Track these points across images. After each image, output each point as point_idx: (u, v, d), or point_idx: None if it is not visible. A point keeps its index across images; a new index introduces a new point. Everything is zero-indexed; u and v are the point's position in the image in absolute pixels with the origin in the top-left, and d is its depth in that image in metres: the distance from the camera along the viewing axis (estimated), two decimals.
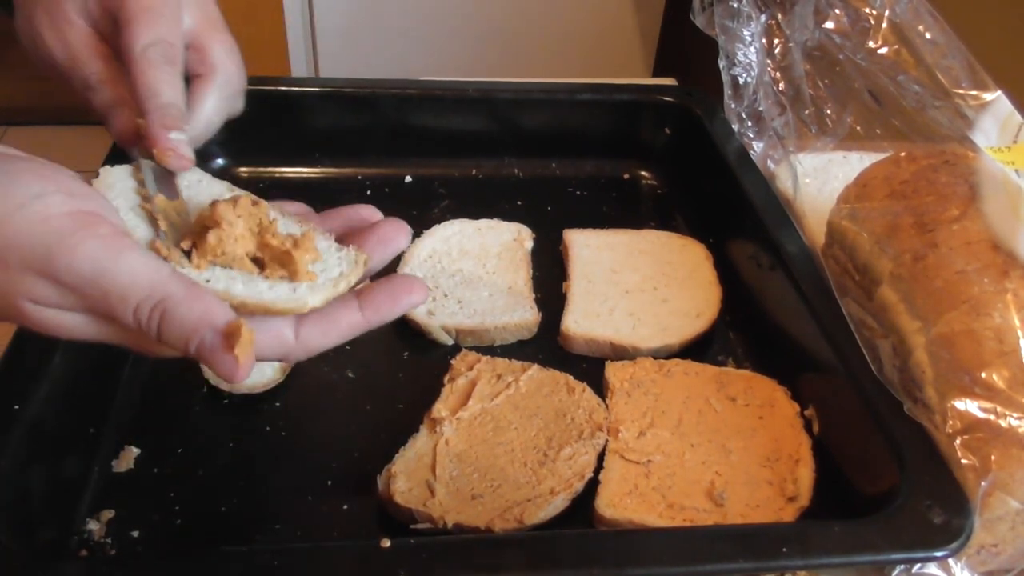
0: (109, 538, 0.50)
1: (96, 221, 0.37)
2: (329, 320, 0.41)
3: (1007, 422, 0.46)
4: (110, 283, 0.36)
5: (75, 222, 0.36)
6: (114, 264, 0.36)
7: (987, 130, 0.61)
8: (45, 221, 0.35)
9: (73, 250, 0.35)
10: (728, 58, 0.75)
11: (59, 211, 0.36)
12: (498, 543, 0.47)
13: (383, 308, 0.42)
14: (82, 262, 0.35)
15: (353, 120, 0.82)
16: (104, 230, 0.37)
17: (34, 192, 0.36)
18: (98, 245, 0.36)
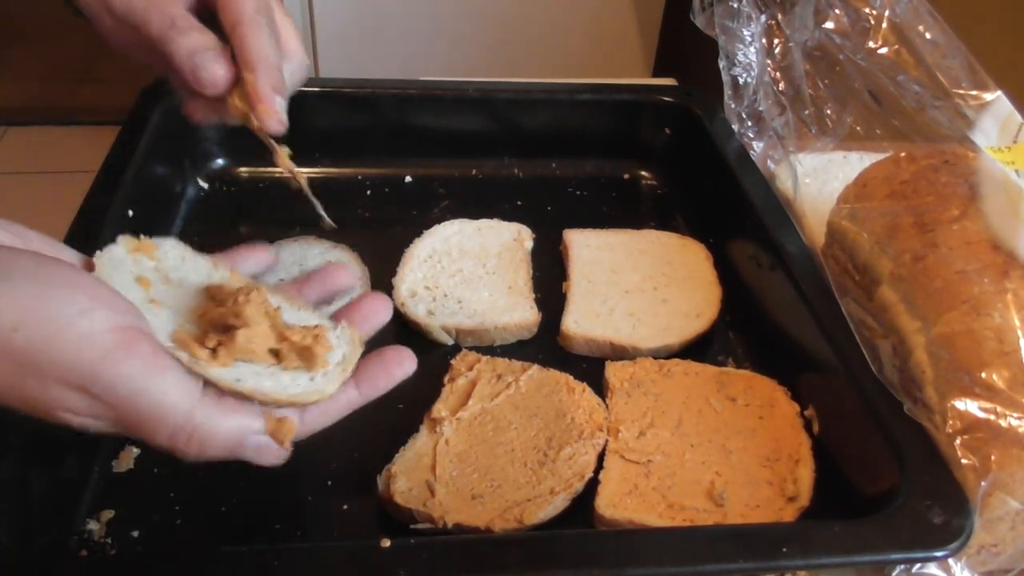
0: (109, 538, 0.50)
1: (136, 338, 0.37)
2: (329, 400, 0.43)
3: (1007, 422, 0.46)
4: (146, 406, 0.37)
5: (117, 340, 0.36)
6: (151, 386, 0.36)
7: (987, 130, 0.61)
8: (89, 339, 0.36)
9: (114, 369, 0.36)
10: (728, 58, 0.75)
11: (102, 328, 0.36)
12: (498, 543, 0.47)
13: (378, 383, 0.45)
14: (121, 382, 0.36)
15: (353, 120, 0.82)
16: (144, 348, 0.37)
17: (79, 308, 0.36)
18: (138, 365, 0.36)
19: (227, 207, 0.78)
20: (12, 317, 0.35)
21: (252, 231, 0.76)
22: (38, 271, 0.37)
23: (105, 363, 0.36)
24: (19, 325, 0.35)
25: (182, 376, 0.38)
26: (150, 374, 0.37)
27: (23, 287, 0.36)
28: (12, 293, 0.35)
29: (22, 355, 0.35)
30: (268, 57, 0.48)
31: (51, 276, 0.37)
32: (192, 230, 0.75)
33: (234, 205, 0.79)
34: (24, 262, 0.37)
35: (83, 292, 0.37)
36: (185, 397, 0.37)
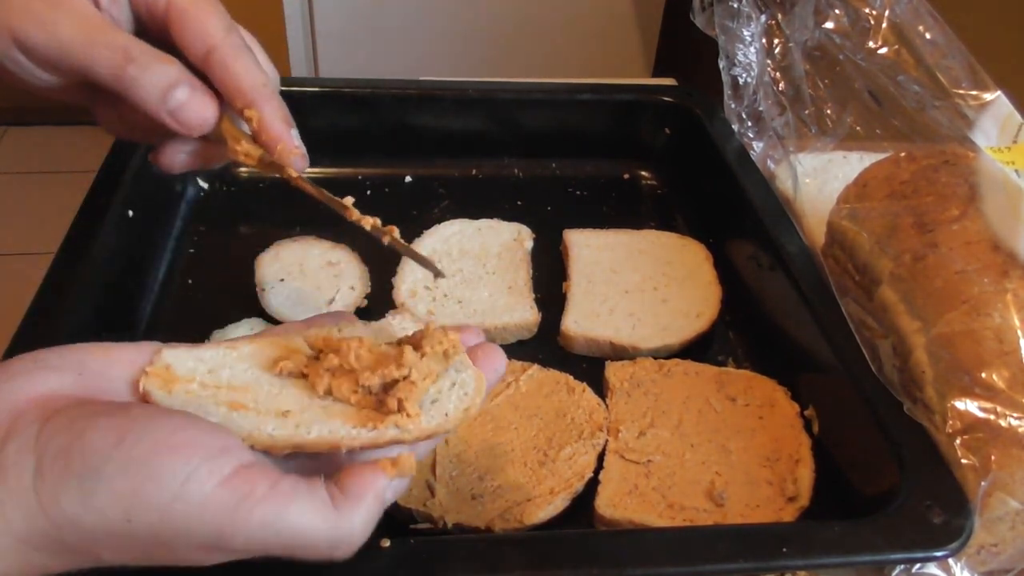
0: None
1: (249, 482, 0.34)
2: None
3: (1007, 422, 0.46)
4: (290, 542, 0.35)
5: (233, 494, 0.34)
6: (287, 522, 0.34)
7: (987, 130, 0.61)
8: (206, 502, 0.33)
9: (246, 525, 0.33)
10: (728, 58, 0.75)
11: (214, 483, 0.33)
12: (498, 543, 0.47)
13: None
14: (258, 536, 0.34)
15: (353, 120, 0.82)
16: (261, 490, 0.34)
17: (181, 475, 0.33)
18: (265, 510, 0.34)
19: (227, 207, 0.78)
20: (120, 509, 0.33)
21: (252, 231, 0.76)
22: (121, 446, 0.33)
23: (233, 522, 0.33)
24: (130, 515, 0.33)
25: (309, 493, 0.35)
26: (280, 511, 0.34)
27: (116, 478, 0.33)
28: (107, 490, 0.33)
29: (146, 537, 0.33)
30: (264, 85, 0.41)
31: (139, 447, 0.33)
32: (192, 230, 0.75)
33: (234, 205, 0.79)
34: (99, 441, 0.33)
35: (177, 452, 0.34)
36: (322, 517, 0.35)
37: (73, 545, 0.33)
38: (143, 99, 0.40)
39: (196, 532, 0.33)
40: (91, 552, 0.34)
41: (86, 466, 0.33)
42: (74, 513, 0.32)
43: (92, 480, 0.33)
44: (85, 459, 0.33)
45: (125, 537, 0.33)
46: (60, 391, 0.36)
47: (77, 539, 0.33)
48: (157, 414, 0.36)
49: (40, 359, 0.36)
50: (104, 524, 0.33)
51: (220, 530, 0.33)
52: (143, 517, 0.33)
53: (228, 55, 0.41)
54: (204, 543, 0.34)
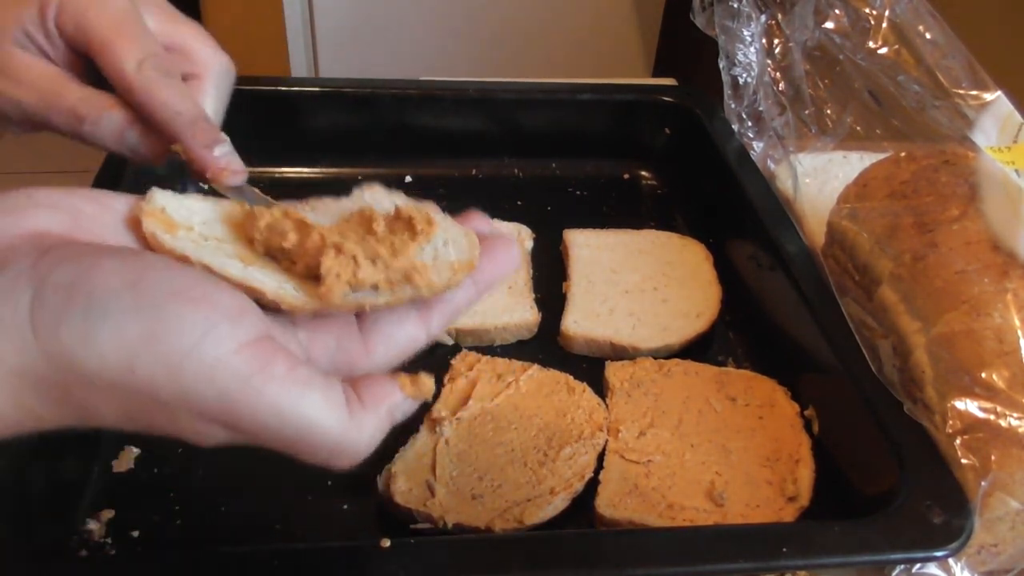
0: (109, 538, 0.50)
1: (270, 355, 0.32)
2: (448, 303, 0.39)
3: (1007, 422, 0.46)
4: (295, 433, 0.32)
5: (250, 362, 0.32)
6: (299, 412, 0.32)
7: (987, 130, 0.61)
8: (218, 365, 0.31)
9: (255, 399, 0.31)
10: (728, 58, 0.75)
11: (230, 348, 0.31)
12: (498, 543, 0.47)
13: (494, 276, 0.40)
14: (264, 412, 0.32)
15: (353, 120, 0.82)
16: (279, 368, 0.32)
17: (200, 329, 0.31)
18: (279, 390, 0.32)
19: None
20: (122, 356, 0.30)
21: None
22: (136, 288, 0.31)
23: (243, 394, 0.31)
24: (134, 363, 0.30)
25: (326, 387, 0.33)
26: (294, 398, 0.32)
27: (128, 318, 0.30)
28: (117, 328, 0.30)
29: (146, 393, 0.31)
30: (180, 113, 0.42)
31: (154, 292, 0.31)
32: None
33: None
34: (111, 279, 0.31)
35: (196, 306, 0.32)
36: (335, 416, 0.33)
37: (66, 389, 0.31)
38: (106, 146, 0.43)
39: (201, 396, 0.31)
40: (85, 402, 0.31)
41: (93, 302, 0.30)
42: (73, 351, 0.30)
43: (99, 317, 0.30)
44: (92, 295, 0.30)
45: (124, 389, 0.31)
46: (55, 231, 0.33)
47: (72, 381, 0.30)
48: (173, 264, 0.34)
49: (33, 196, 0.34)
50: (104, 370, 0.30)
51: (228, 399, 0.31)
52: (148, 368, 0.30)
53: (141, 94, 0.42)
54: (206, 411, 0.31)
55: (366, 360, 0.37)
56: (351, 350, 0.37)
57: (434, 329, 0.39)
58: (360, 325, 0.38)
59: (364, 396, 0.35)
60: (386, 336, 0.38)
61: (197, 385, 0.31)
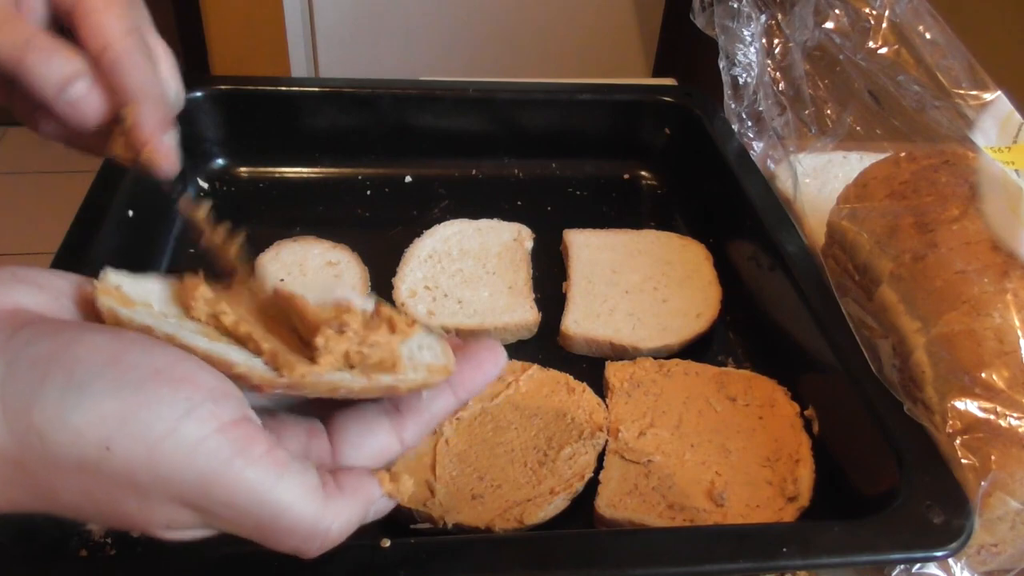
0: (109, 538, 0.50)
1: (250, 437, 0.31)
2: (426, 412, 0.38)
3: (1007, 422, 0.46)
4: (269, 518, 0.31)
5: (229, 445, 0.30)
6: (275, 496, 0.31)
7: (987, 130, 0.61)
8: (199, 447, 0.30)
9: (233, 483, 0.30)
10: (728, 58, 0.75)
11: (210, 431, 0.30)
12: (498, 543, 0.47)
13: (475, 383, 0.39)
14: (241, 495, 0.30)
15: (353, 120, 0.82)
16: (258, 449, 0.31)
17: (181, 409, 0.30)
18: (257, 474, 0.31)
19: (227, 207, 0.78)
20: (100, 434, 0.29)
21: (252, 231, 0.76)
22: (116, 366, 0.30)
23: (221, 478, 0.30)
24: (110, 442, 0.29)
25: (302, 471, 0.32)
26: (271, 481, 0.31)
27: (106, 396, 0.29)
28: (95, 407, 0.29)
29: (120, 476, 0.29)
30: (149, 87, 0.40)
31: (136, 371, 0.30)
32: (192, 230, 0.75)
33: (234, 205, 0.79)
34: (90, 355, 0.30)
35: (178, 385, 0.30)
36: (310, 501, 0.32)
37: (30, 470, 0.29)
38: (41, 87, 0.39)
39: (179, 478, 0.30)
40: (48, 485, 0.30)
41: (71, 379, 0.29)
42: (44, 427, 0.29)
43: (76, 394, 0.29)
44: (71, 371, 0.29)
45: (94, 472, 0.29)
46: (34, 308, 0.32)
47: (37, 462, 0.29)
48: (155, 343, 0.32)
49: (17, 273, 0.33)
50: (76, 449, 0.29)
51: (206, 481, 0.30)
52: (125, 448, 0.29)
53: (120, 53, 0.39)
54: (182, 494, 0.30)
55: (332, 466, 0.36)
56: (318, 458, 0.36)
57: (408, 438, 0.37)
58: (329, 431, 0.37)
59: (342, 483, 0.34)
60: (356, 445, 0.36)
61: (175, 466, 0.29)
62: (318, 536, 0.32)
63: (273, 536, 0.32)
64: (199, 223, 0.43)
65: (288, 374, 0.33)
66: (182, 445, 0.29)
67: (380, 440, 0.37)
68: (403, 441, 0.37)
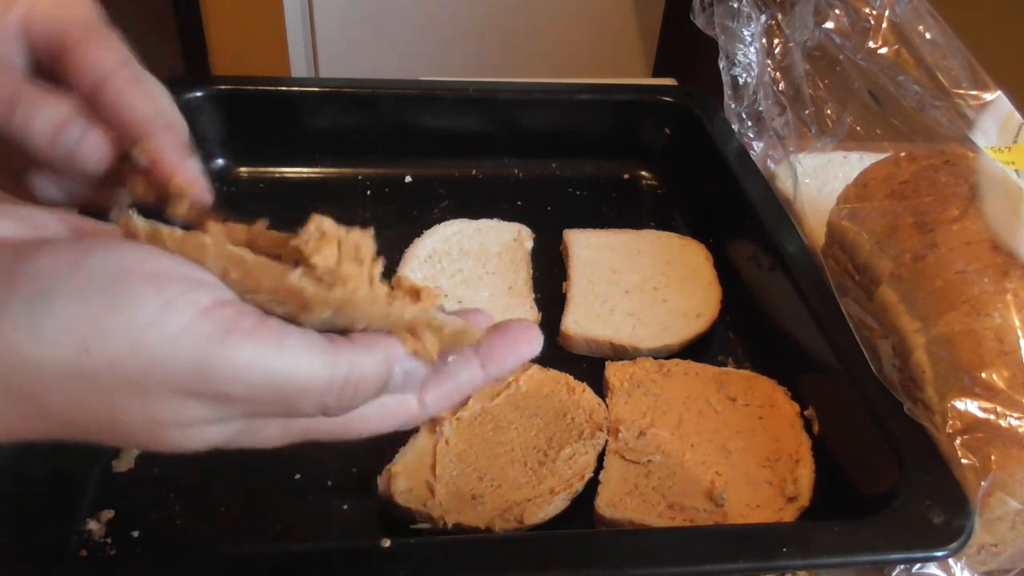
0: (109, 538, 0.50)
1: (233, 315, 0.30)
2: (450, 379, 0.36)
3: (1007, 422, 0.46)
4: (286, 381, 0.30)
5: (216, 324, 0.29)
6: (281, 360, 0.30)
7: (987, 130, 0.61)
8: (184, 334, 0.29)
9: (233, 359, 0.29)
10: (728, 58, 0.75)
11: (192, 316, 0.29)
12: (498, 543, 0.47)
13: (505, 361, 0.37)
14: (247, 369, 0.29)
15: (353, 120, 0.82)
16: (248, 323, 0.30)
17: (156, 302, 0.29)
18: (255, 345, 0.30)
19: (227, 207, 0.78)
20: (77, 337, 0.28)
21: None
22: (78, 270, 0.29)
23: (219, 355, 0.29)
24: (89, 344, 0.28)
25: (303, 334, 0.31)
26: (271, 348, 0.30)
27: (74, 300, 0.28)
28: (61, 312, 0.28)
29: (108, 377, 0.28)
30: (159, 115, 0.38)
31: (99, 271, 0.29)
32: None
33: (234, 205, 0.79)
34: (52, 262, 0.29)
35: (148, 280, 0.29)
36: (318, 357, 0.31)
37: (17, 388, 0.28)
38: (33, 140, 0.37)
39: (173, 365, 0.28)
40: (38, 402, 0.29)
41: (34, 288, 0.28)
42: (19, 343, 0.27)
43: (42, 303, 0.28)
44: (33, 281, 0.28)
45: (82, 378, 0.28)
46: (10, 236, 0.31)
47: (22, 380, 0.28)
48: (123, 244, 0.31)
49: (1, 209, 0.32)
50: (57, 357, 0.28)
51: (203, 363, 0.29)
52: (106, 346, 0.28)
53: (120, 85, 0.38)
54: (182, 382, 0.29)
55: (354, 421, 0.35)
56: None
57: (430, 402, 0.36)
58: None
59: (354, 338, 0.32)
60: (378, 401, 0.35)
61: (166, 353, 0.28)
62: (335, 387, 0.31)
63: (291, 402, 0.31)
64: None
65: (342, 286, 0.32)
66: (166, 333, 0.28)
67: (400, 397, 0.36)
68: (424, 404, 0.36)
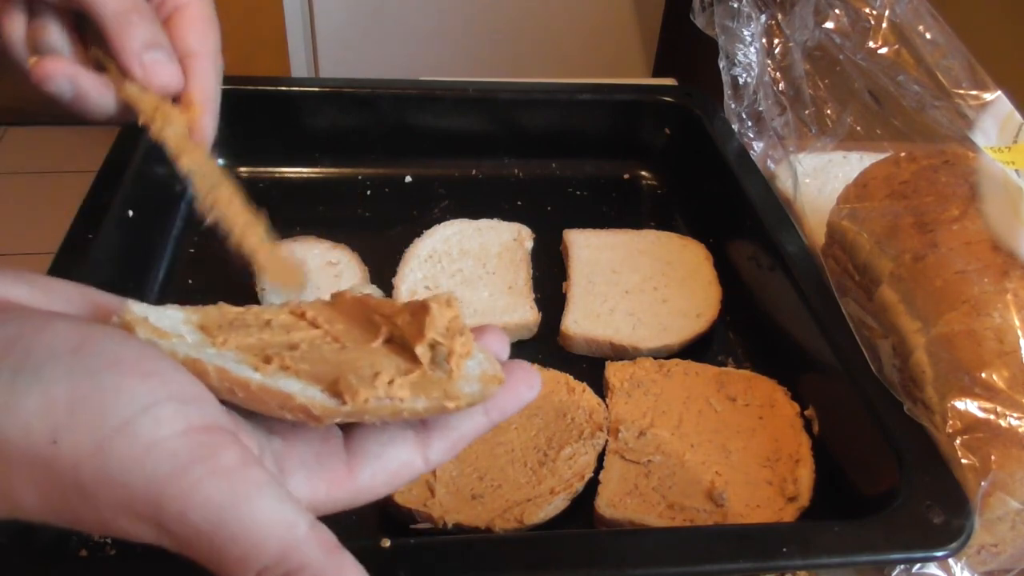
0: (109, 538, 0.50)
1: (216, 444, 0.27)
2: (454, 431, 0.35)
3: (1007, 422, 0.46)
4: (229, 540, 0.26)
5: (191, 449, 0.27)
6: (239, 514, 0.26)
7: (987, 130, 0.61)
8: (154, 448, 0.26)
9: (188, 495, 0.26)
10: (728, 58, 0.75)
11: (171, 431, 0.27)
12: (498, 543, 0.47)
13: (507, 406, 0.36)
14: (198, 512, 0.26)
15: (353, 120, 0.82)
16: (227, 459, 0.27)
17: (141, 403, 0.27)
18: (220, 487, 0.26)
19: None
20: (50, 422, 0.26)
21: None
22: (79, 352, 0.27)
23: (177, 487, 0.26)
24: (58, 432, 0.26)
25: (283, 501, 0.28)
26: (237, 498, 0.26)
27: (59, 380, 0.26)
28: (44, 390, 0.26)
29: (68, 473, 0.26)
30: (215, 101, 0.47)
31: (98, 357, 0.27)
32: (192, 230, 0.75)
33: None
34: (58, 339, 0.27)
35: (141, 378, 0.27)
36: (285, 533, 0.27)
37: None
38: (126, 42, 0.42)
39: (129, 484, 0.26)
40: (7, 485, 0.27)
41: (26, 361, 0.26)
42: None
43: (27, 377, 0.26)
44: (28, 354, 0.27)
45: (43, 466, 0.26)
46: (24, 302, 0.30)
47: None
48: (132, 339, 0.29)
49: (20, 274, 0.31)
50: (26, 441, 0.26)
51: (159, 490, 0.26)
52: (72, 442, 0.26)
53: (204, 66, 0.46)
54: (131, 504, 0.26)
55: (348, 483, 0.33)
56: (332, 468, 0.33)
57: (433, 456, 0.34)
58: (347, 439, 0.34)
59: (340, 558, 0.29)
60: (374, 456, 0.33)
61: (124, 468, 0.26)
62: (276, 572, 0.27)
63: (230, 565, 0.27)
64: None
65: (352, 400, 0.30)
66: (135, 444, 0.26)
67: (403, 454, 0.34)
68: (427, 460, 0.34)
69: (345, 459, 0.33)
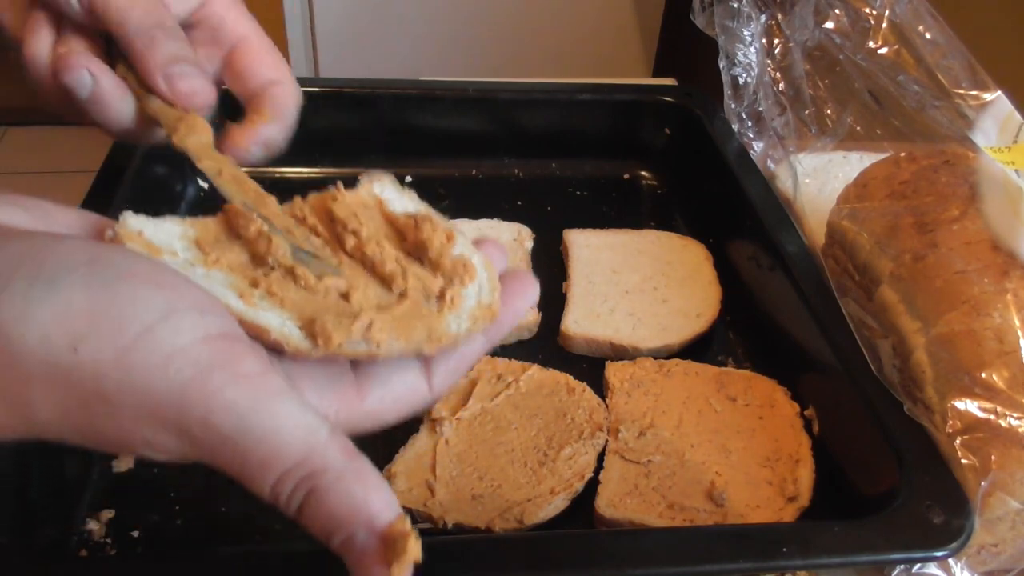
0: (109, 538, 0.50)
1: (237, 352, 0.28)
2: (454, 356, 0.34)
3: (1007, 422, 0.46)
4: (253, 443, 0.27)
5: (213, 355, 0.27)
6: (262, 419, 0.27)
7: (987, 130, 0.61)
8: (174, 356, 0.26)
9: (211, 399, 0.26)
10: (728, 58, 0.75)
11: (192, 338, 0.27)
12: (498, 543, 0.47)
13: (505, 323, 0.35)
14: (222, 416, 0.26)
15: (353, 120, 0.82)
16: (247, 366, 0.27)
17: (159, 311, 0.27)
18: (242, 392, 0.27)
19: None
20: (69, 331, 0.26)
21: None
22: (93, 264, 0.27)
23: (200, 389, 0.26)
24: (79, 340, 0.26)
25: (300, 407, 0.28)
26: (260, 403, 0.27)
27: (77, 290, 0.26)
28: (63, 300, 0.26)
29: (88, 382, 0.26)
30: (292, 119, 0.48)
31: (113, 269, 0.27)
32: None
33: None
34: (71, 254, 0.27)
35: (160, 288, 0.27)
36: (307, 436, 0.27)
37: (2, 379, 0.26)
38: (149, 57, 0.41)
39: (151, 390, 0.26)
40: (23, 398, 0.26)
41: (40, 272, 0.26)
42: (9, 324, 0.26)
43: (43, 287, 0.26)
44: (41, 266, 0.26)
45: (63, 376, 0.26)
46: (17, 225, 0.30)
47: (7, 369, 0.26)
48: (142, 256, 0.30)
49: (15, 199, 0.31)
50: (43, 348, 0.26)
51: (181, 397, 0.26)
52: (93, 350, 0.26)
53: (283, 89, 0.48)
54: (156, 410, 0.26)
55: (358, 405, 0.33)
56: (343, 391, 0.33)
57: (437, 384, 0.34)
58: (353, 364, 0.34)
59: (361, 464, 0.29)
60: (382, 381, 0.33)
61: (144, 377, 0.26)
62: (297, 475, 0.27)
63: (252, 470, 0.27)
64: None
65: (325, 346, 0.30)
66: (157, 351, 0.26)
67: (409, 381, 0.34)
68: (432, 387, 0.34)
69: (354, 381, 0.33)
